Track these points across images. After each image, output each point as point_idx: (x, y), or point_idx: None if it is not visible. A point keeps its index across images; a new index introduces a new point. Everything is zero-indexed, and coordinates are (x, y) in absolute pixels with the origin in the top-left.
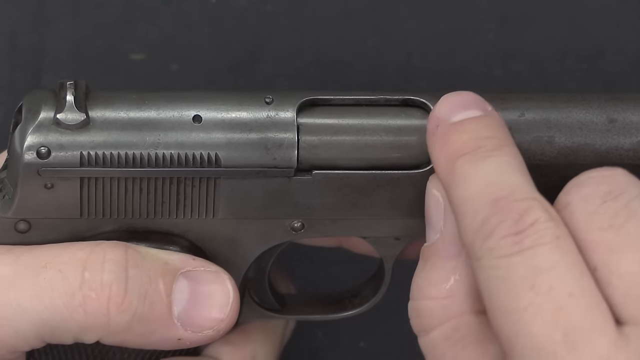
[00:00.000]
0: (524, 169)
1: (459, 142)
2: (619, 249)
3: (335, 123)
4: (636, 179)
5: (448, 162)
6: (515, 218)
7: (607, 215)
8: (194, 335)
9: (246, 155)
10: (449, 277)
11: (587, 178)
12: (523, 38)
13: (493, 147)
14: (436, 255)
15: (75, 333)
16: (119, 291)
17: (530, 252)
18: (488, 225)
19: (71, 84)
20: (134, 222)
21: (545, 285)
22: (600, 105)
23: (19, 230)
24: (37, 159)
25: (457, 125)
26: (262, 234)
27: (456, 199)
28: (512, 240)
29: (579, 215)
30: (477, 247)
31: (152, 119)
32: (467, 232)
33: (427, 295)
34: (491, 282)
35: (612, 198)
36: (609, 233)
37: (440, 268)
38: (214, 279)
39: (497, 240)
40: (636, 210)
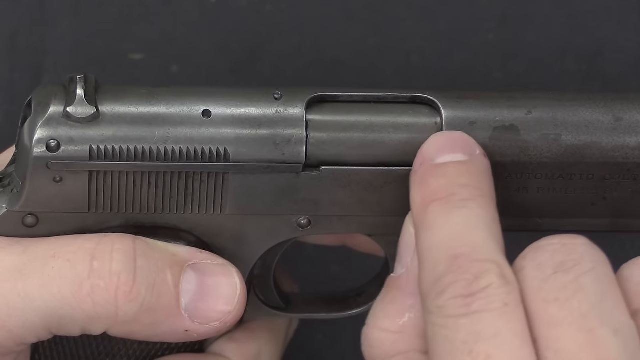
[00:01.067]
0: (494, 225)
1: (435, 186)
2: (560, 324)
3: (344, 119)
4: (596, 251)
5: (422, 203)
6: (469, 280)
7: (554, 287)
8: (201, 327)
9: (255, 150)
10: (404, 313)
11: (546, 244)
12: (523, 38)
13: (468, 197)
14: (397, 289)
15: (83, 323)
16: (127, 280)
17: (476, 316)
18: (443, 282)
19: (81, 78)
20: (142, 217)
21: (484, 353)
22: (606, 104)
23: (26, 224)
24: (47, 152)
25: (438, 167)
26: (269, 231)
27: (421, 244)
28: (461, 301)
29: (530, 282)
30: (429, 300)
31: (161, 114)
32: (424, 282)
33: (380, 326)
34: (436, 338)
35: (563, 270)
36: (553, 306)
37: (398, 303)
38: (222, 271)
39: (447, 299)
40: (585, 285)
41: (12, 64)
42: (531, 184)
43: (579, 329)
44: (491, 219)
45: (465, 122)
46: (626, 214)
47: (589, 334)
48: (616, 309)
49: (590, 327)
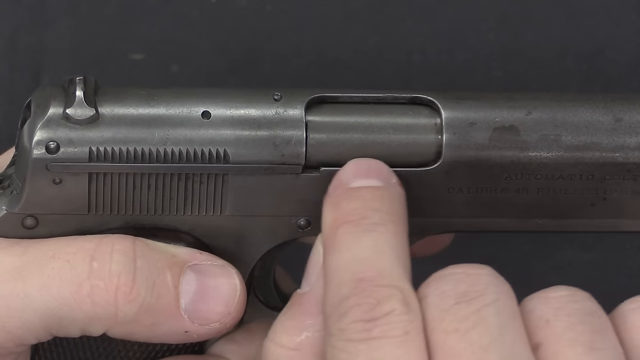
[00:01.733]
0: (403, 251)
1: (347, 208)
2: (458, 356)
3: (343, 120)
4: (501, 282)
5: (332, 225)
6: (372, 304)
7: (455, 318)
8: (201, 328)
9: (255, 151)
10: (302, 331)
11: (450, 273)
12: (523, 37)
13: (378, 222)
14: (299, 306)
15: (82, 324)
16: (127, 281)
17: (376, 342)
18: (345, 305)
19: (80, 80)
20: (141, 219)
21: None
22: (606, 104)
23: (26, 226)
24: (46, 154)
25: (352, 190)
26: (269, 232)
27: (328, 265)
28: (362, 326)
29: (432, 311)
30: (331, 322)
31: (161, 115)
32: (327, 303)
33: (277, 341)
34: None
35: (466, 300)
36: (453, 337)
37: (297, 320)
38: (221, 272)
39: (349, 323)
40: (486, 317)
41: (12, 64)
42: (531, 184)
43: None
44: (400, 245)
45: (465, 122)
46: (626, 214)
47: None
48: (516, 343)
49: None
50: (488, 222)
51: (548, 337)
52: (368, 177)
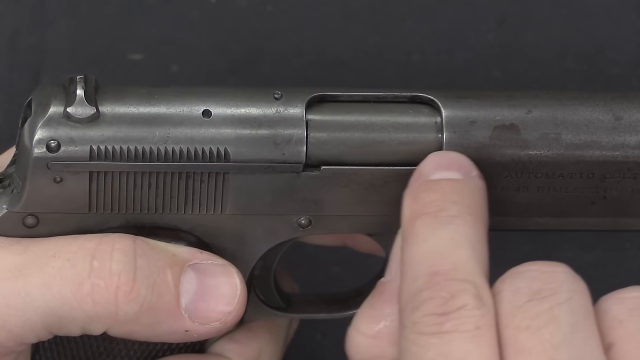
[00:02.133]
0: (480, 245)
1: (426, 200)
2: (529, 353)
3: (344, 119)
4: (576, 281)
5: (410, 216)
6: (446, 298)
7: (527, 315)
8: (201, 327)
9: (255, 150)
10: (380, 320)
11: (526, 270)
12: (523, 37)
13: (456, 214)
14: (380, 295)
15: (83, 323)
16: (127, 280)
17: (447, 336)
18: (419, 298)
19: (81, 78)
20: (142, 218)
21: None
22: (606, 103)
23: (27, 224)
24: (47, 153)
25: (432, 183)
26: (269, 231)
27: (406, 256)
28: (435, 320)
29: (505, 307)
30: (405, 314)
31: (161, 114)
32: (403, 294)
33: (358, 328)
34: (406, 353)
35: (539, 298)
36: (524, 334)
37: (377, 308)
38: (222, 271)
39: (422, 316)
40: (559, 316)
41: (12, 64)
42: (531, 183)
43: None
44: (478, 239)
45: (465, 121)
46: (626, 212)
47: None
48: (588, 342)
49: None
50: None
51: (621, 338)
52: (448, 170)
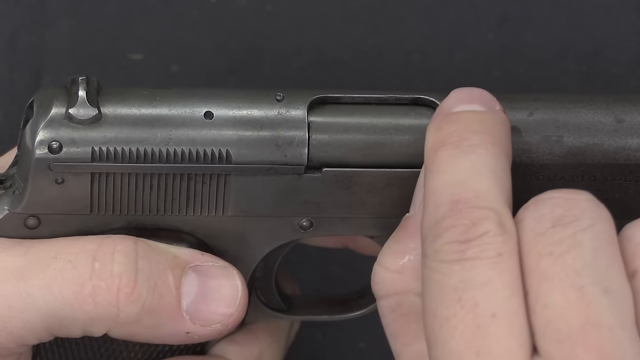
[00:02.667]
0: (502, 173)
1: (448, 131)
2: (551, 279)
3: (346, 121)
4: (599, 208)
5: (432, 147)
6: (467, 225)
7: (550, 241)
8: (202, 329)
9: (257, 152)
10: (404, 254)
11: (549, 197)
12: (522, 38)
13: (478, 143)
14: (404, 229)
15: (84, 324)
16: (128, 282)
17: (469, 263)
18: (441, 226)
19: (83, 80)
20: (143, 219)
21: (472, 300)
22: (608, 105)
23: (28, 226)
24: (49, 154)
25: (453, 114)
26: (271, 233)
27: (427, 186)
28: (457, 247)
29: (527, 234)
30: (427, 243)
31: (163, 115)
32: (424, 224)
33: (383, 264)
34: (429, 282)
35: (562, 224)
36: (547, 260)
37: (401, 243)
38: (223, 273)
39: (443, 244)
40: (581, 242)
41: (12, 64)
42: (533, 185)
43: (570, 285)
44: (500, 167)
45: None
46: (628, 215)
47: (579, 291)
48: (611, 268)
49: (581, 285)
50: None
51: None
52: (470, 103)
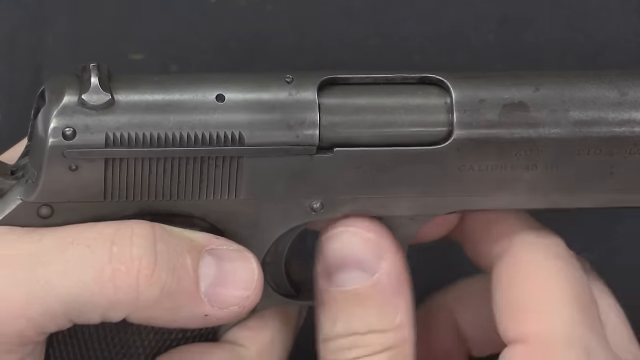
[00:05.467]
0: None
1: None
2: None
3: (355, 102)
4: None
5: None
6: None
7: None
8: (220, 312)
9: (269, 133)
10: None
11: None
12: (523, 38)
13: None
14: (380, 295)
15: (103, 309)
16: (148, 264)
17: None
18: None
19: (94, 66)
20: (157, 205)
21: None
22: (611, 80)
23: (41, 215)
24: (63, 140)
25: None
26: (282, 215)
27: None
28: None
29: None
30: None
31: (175, 99)
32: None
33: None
34: None
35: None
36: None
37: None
38: (239, 256)
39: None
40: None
41: (12, 64)
42: (540, 160)
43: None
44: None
45: (474, 100)
46: (633, 189)
47: None
48: None
49: None
50: (497, 199)
51: None
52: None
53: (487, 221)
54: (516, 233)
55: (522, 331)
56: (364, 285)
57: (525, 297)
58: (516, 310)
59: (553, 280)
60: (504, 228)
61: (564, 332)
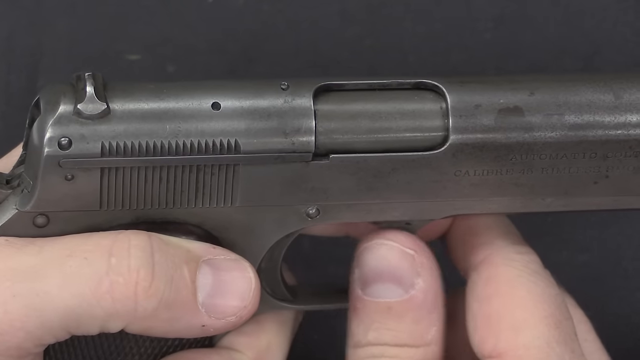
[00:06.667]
0: None
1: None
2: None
3: (351, 108)
4: None
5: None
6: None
7: None
8: (218, 322)
9: (265, 140)
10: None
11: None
12: (520, 38)
13: None
14: (418, 308)
15: (101, 321)
16: (146, 276)
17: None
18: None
19: (89, 75)
20: (152, 213)
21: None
22: (606, 83)
23: (37, 224)
24: (59, 150)
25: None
26: (278, 222)
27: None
28: None
29: None
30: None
31: (171, 108)
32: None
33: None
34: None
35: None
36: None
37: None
38: (236, 266)
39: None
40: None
41: (8, 65)
42: (536, 164)
43: None
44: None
45: (470, 105)
46: (628, 191)
47: None
48: None
49: None
50: (493, 203)
51: None
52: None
53: (469, 229)
54: (495, 245)
55: (498, 347)
56: (398, 300)
57: (500, 312)
58: (492, 324)
59: (529, 296)
60: (484, 238)
61: (539, 348)
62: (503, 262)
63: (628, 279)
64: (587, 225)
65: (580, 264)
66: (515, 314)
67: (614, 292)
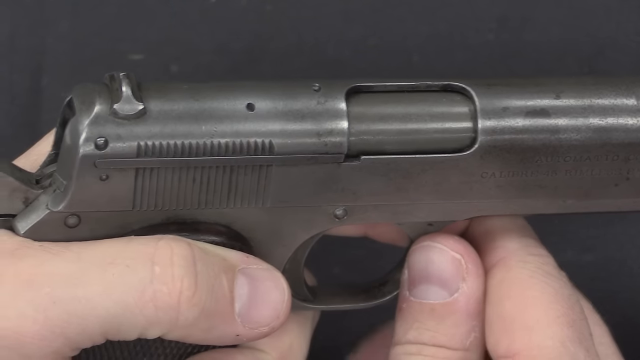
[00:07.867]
0: None
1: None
2: None
3: (382, 110)
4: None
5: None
6: None
7: None
8: (251, 332)
9: (299, 141)
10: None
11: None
12: (523, 38)
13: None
14: (459, 312)
15: (141, 328)
16: (190, 285)
17: None
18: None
19: (124, 75)
20: (183, 213)
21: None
22: (628, 87)
23: (68, 224)
24: (95, 151)
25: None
26: (306, 222)
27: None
28: None
29: None
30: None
31: (207, 108)
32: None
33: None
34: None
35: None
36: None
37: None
38: (269, 276)
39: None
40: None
41: (12, 64)
42: (560, 166)
43: None
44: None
45: (498, 107)
46: None
47: None
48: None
49: None
50: (516, 204)
51: None
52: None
53: (485, 231)
54: (510, 247)
55: (511, 347)
56: (441, 302)
57: (513, 313)
58: (506, 325)
59: (542, 297)
60: (500, 241)
61: (552, 347)
62: (517, 264)
63: (633, 278)
64: (592, 225)
65: (585, 264)
66: (528, 314)
67: (619, 292)
